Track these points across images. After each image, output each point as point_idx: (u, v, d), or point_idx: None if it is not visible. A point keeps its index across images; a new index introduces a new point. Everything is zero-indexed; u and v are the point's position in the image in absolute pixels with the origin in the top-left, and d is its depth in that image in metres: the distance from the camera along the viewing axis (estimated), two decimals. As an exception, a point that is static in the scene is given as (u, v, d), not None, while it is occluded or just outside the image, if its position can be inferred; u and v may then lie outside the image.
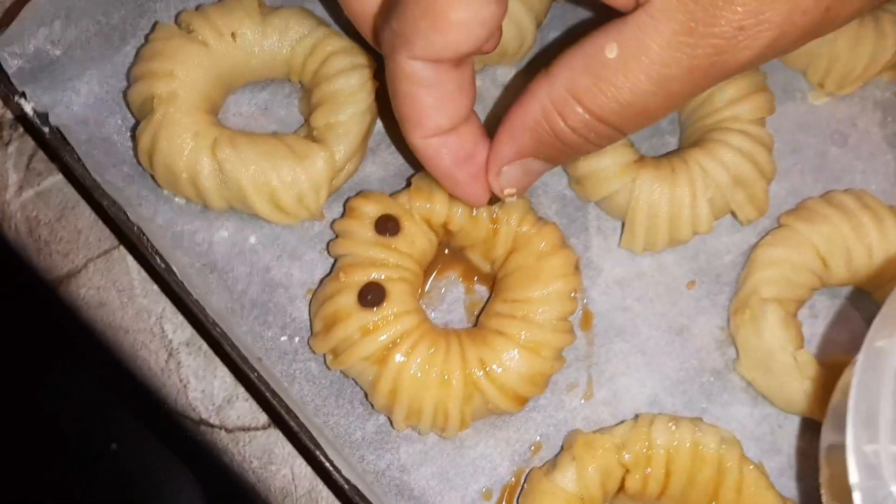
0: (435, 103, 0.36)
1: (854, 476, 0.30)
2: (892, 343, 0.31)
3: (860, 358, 0.32)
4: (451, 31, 0.33)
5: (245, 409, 0.44)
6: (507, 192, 0.39)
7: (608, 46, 0.31)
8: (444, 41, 0.33)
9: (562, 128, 0.34)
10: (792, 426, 0.44)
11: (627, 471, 0.40)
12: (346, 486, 0.37)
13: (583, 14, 0.53)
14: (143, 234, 0.42)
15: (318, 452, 0.38)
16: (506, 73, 0.52)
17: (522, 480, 0.42)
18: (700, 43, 0.30)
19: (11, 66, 0.43)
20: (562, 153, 0.36)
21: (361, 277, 0.41)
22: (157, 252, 0.41)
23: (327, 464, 0.37)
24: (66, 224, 0.48)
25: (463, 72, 0.36)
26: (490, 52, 0.40)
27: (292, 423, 0.38)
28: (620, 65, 0.31)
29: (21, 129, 0.50)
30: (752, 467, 0.40)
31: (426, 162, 0.39)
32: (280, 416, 0.39)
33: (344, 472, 0.37)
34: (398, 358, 0.40)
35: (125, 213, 0.42)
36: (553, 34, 0.53)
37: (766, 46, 0.31)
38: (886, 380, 0.31)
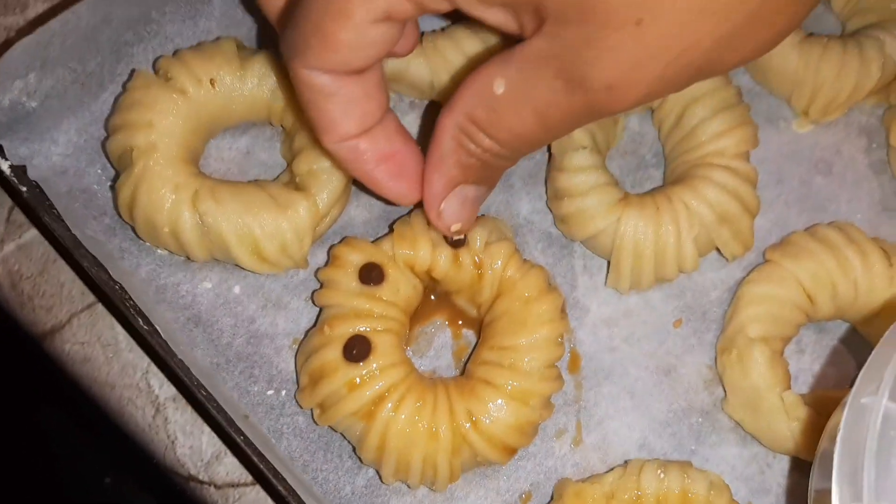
0: (340, 110, 0.36)
1: None
2: (874, 401, 0.31)
3: (845, 414, 0.32)
4: (342, 50, 0.33)
5: (234, 465, 0.44)
6: (453, 228, 0.40)
7: (496, 82, 0.33)
8: (336, 58, 0.34)
9: (475, 150, 0.36)
10: (780, 465, 0.44)
11: (618, 520, 0.40)
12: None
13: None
14: (126, 293, 0.41)
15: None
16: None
17: (513, 529, 0.42)
18: (574, 94, 0.31)
19: (-13, 121, 0.43)
20: (486, 172, 0.37)
21: (346, 330, 0.41)
22: (140, 313, 0.41)
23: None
24: (49, 278, 0.47)
25: (367, 78, 0.36)
26: (405, 55, 0.43)
27: (279, 487, 0.38)
28: (507, 102, 0.33)
29: (-1, 181, 0.49)
30: (741, 513, 0.40)
31: (342, 165, 0.39)
32: (266, 479, 0.39)
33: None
34: (385, 413, 0.40)
35: (106, 271, 0.42)
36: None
37: (640, 98, 0.32)
38: (870, 438, 0.31)
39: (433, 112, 0.51)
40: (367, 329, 0.41)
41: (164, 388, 0.45)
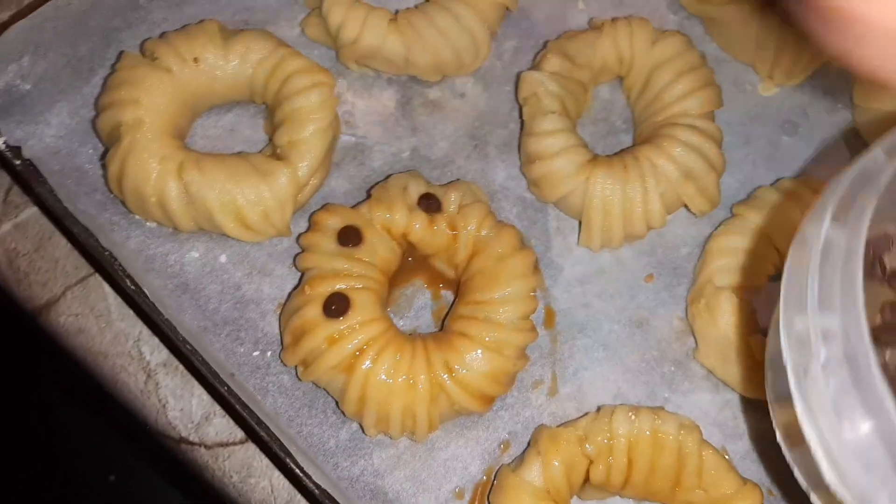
0: None
1: (787, 354, 0.30)
2: (816, 228, 0.31)
3: (790, 248, 0.32)
4: None
5: (223, 425, 0.46)
6: None
7: None
8: None
9: None
10: (753, 411, 0.45)
11: (591, 462, 0.41)
12: (316, 492, 0.39)
13: (535, 24, 0.55)
14: (115, 259, 0.43)
15: (288, 461, 0.39)
16: (464, 83, 0.53)
17: (493, 478, 0.43)
18: None
19: (-18, 104, 0.45)
20: None
21: (326, 289, 0.43)
22: (127, 275, 0.42)
23: (298, 471, 0.39)
24: (44, 254, 0.49)
25: None
26: None
27: (263, 435, 0.39)
28: None
29: (-5, 164, 0.51)
30: (711, 451, 0.41)
31: None
32: (253, 430, 0.40)
33: (316, 479, 0.39)
34: (365, 365, 0.41)
35: (97, 239, 0.44)
36: (508, 43, 0.54)
37: None
38: (813, 259, 0.30)
39: (412, 87, 0.53)
40: (346, 287, 0.43)
41: (154, 355, 0.47)
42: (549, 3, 0.56)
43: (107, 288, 0.48)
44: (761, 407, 0.45)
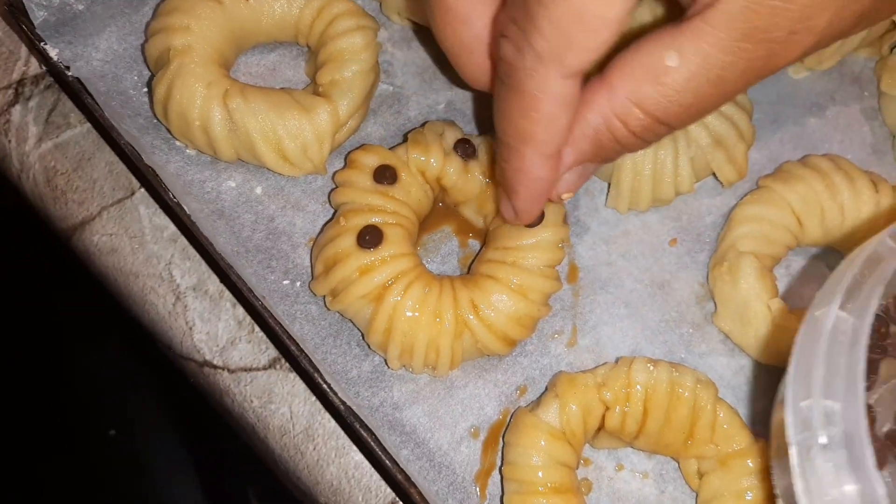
0: (567, 118, 0.35)
1: (791, 431, 0.33)
2: (825, 312, 0.33)
3: (801, 327, 0.34)
4: (604, 30, 0.31)
5: (247, 350, 0.46)
6: (564, 196, 0.40)
7: (668, 55, 0.32)
8: (596, 43, 0.32)
9: (623, 133, 0.35)
10: (767, 377, 0.46)
11: (607, 408, 0.42)
12: (341, 408, 0.40)
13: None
14: (156, 176, 0.44)
15: (316, 376, 0.40)
16: (503, 44, 0.54)
17: (508, 419, 0.44)
18: (756, 48, 0.32)
19: (38, 17, 0.46)
20: (617, 153, 0.37)
21: (360, 221, 0.44)
22: (167, 189, 0.43)
23: (325, 386, 0.40)
24: (83, 174, 0.50)
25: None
26: None
27: (293, 349, 0.40)
28: (682, 72, 0.33)
29: (41, 86, 0.52)
30: (725, 407, 0.42)
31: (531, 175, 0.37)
32: (283, 345, 0.41)
33: (341, 397, 0.40)
34: (394, 297, 0.42)
35: (139, 156, 0.45)
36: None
37: (812, 46, 0.33)
38: (821, 343, 0.33)
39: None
40: (380, 221, 0.44)
41: (185, 278, 0.48)
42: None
43: (143, 210, 0.49)
44: (776, 373, 0.46)
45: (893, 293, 0.36)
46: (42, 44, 0.47)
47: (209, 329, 0.47)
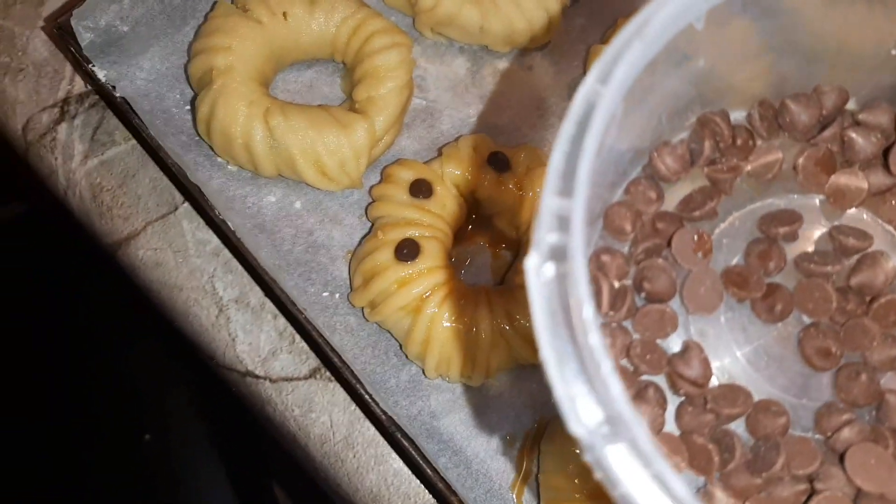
0: None
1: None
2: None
3: None
4: None
5: (288, 361, 0.48)
6: None
7: None
8: None
9: None
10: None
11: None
12: (383, 418, 0.41)
13: (606, 1, 0.56)
14: (202, 194, 0.46)
15: (358, 386, 0.41)
16: (532, 56, 0.55)
17: (545, 427, 0.45)
18: None
19: (84, 39, 0.48)
20: None
21: (398, 235, 0.45)
22: (212, 207, 0.45)
23: (367, 396, 0.41)
24: (127, 190, 0.52)
25: None
26: None
27: (335, 360, 0.41)
28: None
29: (86, 104, 0.54)
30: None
31: None
32: (325, 355, 0.42)
33: (382, 406, 0.41)
34: (431, 309, 0.43)
35: (184, 173, 0.46)
36: (578, 20, 0.56)
37: None
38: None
39: (483, 57, 0.55)
40: (417, 234, 0.45)
41: (227, 291, 0.49)
42: (621, -19, 0.58)
43: (186, 225, 0.50)
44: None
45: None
46: (90, 65, 0.48)
47: (251, 340, 0.48)
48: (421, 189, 0.46)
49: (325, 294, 0.48)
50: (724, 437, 0.31)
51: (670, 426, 0.32)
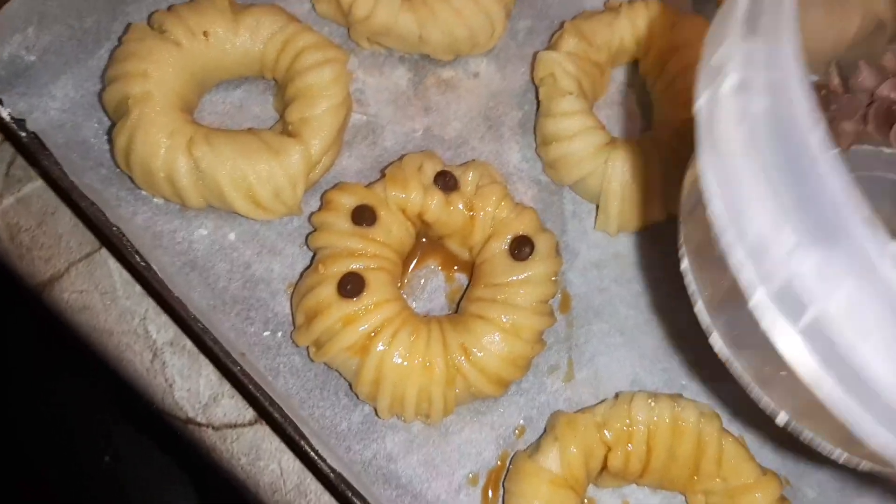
0: None
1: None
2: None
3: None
4: None
5: (231, 407, 0.45)
6: None
7: None
8: None
9: None
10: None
11: (609, 449, 0.40)
12: (331, 475, 0.38)
13: (550, 4, 0.54)
14: (123, 235, 0.42)
15: (303, 443, 0.38)
16: (477, 62, 0.52)
17: (508, 463, 0.43)
18: None
19: (-15, 73, 0.43)
20: None
21: (340, 268, 0.42)
22: (136, 251, 0.41)
23: (312, 454, 0.38)
24: (47, 229, 0.48)
25: None
26: None
27: (277, 416, 0.38)
28: None
29: (-1, 137, 0.50)
30: (731, 440, 0.40)
31: None
32: (265, 410, 0.39)
33: (330, 462, 0.38)
34: (380, 347, 0.40)
35: (104, 214, 0.42)
36: (522, 23, 0.53)
37: None
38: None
39: (425, 66, 0.52)
40: (361, 267, 0.42)
41: (161, 333, 0.46)
42: (564, -18, 0.55)
43: (112, 265, 0.47)
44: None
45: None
46: (-6, 102, 0.44)
47: (190, 386, 0.45)
48: (364, 216, 0.43)
49: (266, 333, 0.44)
50: None
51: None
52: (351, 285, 0.41)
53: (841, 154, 0.33)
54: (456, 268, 0.47)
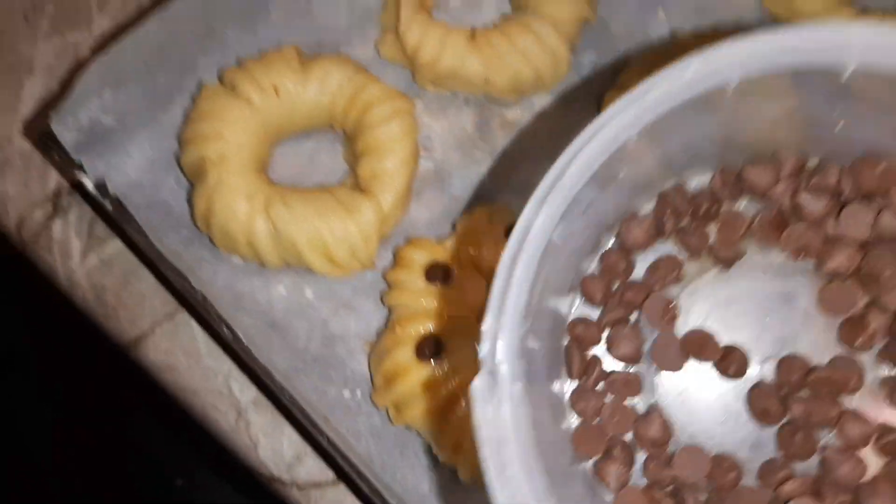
0: None
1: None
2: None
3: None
4: None
5: (314, 466, 0.45)
6: None
7: None
8: None
9: None
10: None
11: None
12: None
13: (615, 36, 0.52)
14: (208, 302, 0.43)
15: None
16: (542, 101, 0.51)
17: None
18: None
19: (68, 140, 0.44)
20: None
21: (417, 329, 0.42)
22: (222, 320, 0.42)
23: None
24: (131, 290, 0.49)
25: None
26: None
27: (363, 486, 0.39)
28: None
29: (79, 196, 0.51)
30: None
31: None
32: (346, 472, 0.40)
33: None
34: (460, 411, 0.40)
35: (186, 279, 0.43)
36: (587, 57, 0.52)
37: None
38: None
39: (490, 108, 0.51)
40: (438, 327, 0.42)
41: (244, 392, 0.47)
42: (627, 13, 0.53)
43: (195, 325, 0.48)
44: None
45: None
46: (76, 171, 0.45)
47: (273, 445, 0.46)
48: (437, 275, 0.43)
49: (345, 392, 0.45)
50: (683, 489, 0.34)
51: (638, 478, 0.35)
52: (429, 348, 0.41)
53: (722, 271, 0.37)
54: (531, 317, 0.47)
